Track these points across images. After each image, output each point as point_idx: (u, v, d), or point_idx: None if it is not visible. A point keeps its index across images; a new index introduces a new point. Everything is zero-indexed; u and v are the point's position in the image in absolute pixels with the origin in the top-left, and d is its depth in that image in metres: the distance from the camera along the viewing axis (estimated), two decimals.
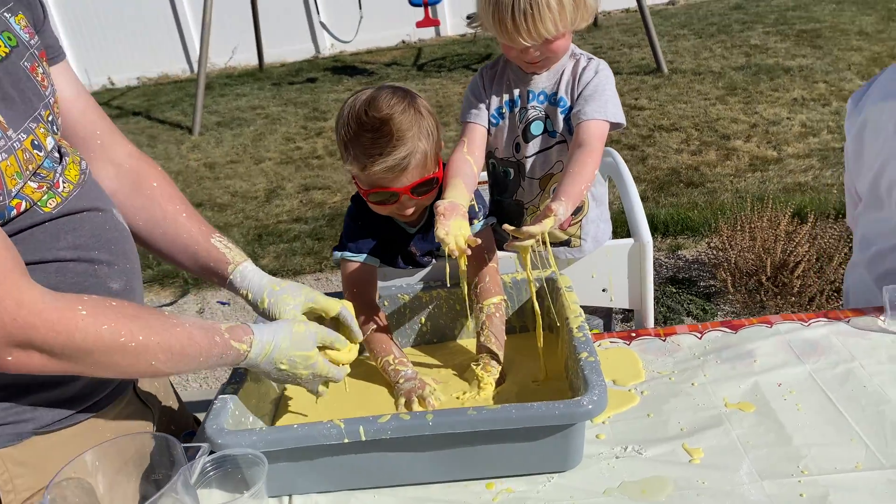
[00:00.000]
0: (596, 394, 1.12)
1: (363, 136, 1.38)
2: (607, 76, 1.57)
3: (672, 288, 3.47)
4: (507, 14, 1.40)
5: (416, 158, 1.40)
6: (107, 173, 1.27)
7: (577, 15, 1.44)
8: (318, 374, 1.24)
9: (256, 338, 1.16)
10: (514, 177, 1.62)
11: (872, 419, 1.22)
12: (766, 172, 4.51)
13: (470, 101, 1.64)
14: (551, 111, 1.56)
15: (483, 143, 1.62)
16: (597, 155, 1.49)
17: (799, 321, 1.50)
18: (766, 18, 8.03)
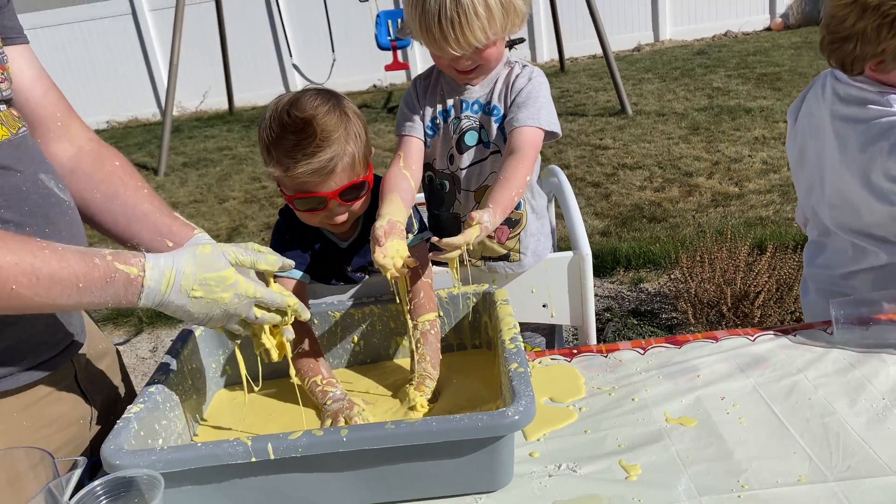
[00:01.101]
0: (522, 404, 1.06)
1: (286, 138, 1.33)
2: (541, 83, 1.53)
3: (634, 320, 3.42)
4: (433, 22, 1.36)
5: (343, 161, 1.35)
6: (66, 151, 1.26)
7: (507, 21, 1.40)
8: (247, 296, 1.08)
9: (150, 262, 1.03)
10: (450, 189, 1.57)
11: (817, 432, 1.16)
12: (728, 207, 4.53)
13: (404, 113, 1.59)
14: (485, 120, 1.52)
15: (420, 156, 1.57)
16: (529, 161, 1.44)
17: (745, 336, 1.45)
18: (727, 63, 8.22)
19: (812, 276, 1.78)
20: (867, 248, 1.58)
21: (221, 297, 1.07)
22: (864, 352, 1.36)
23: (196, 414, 1.31)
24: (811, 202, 1.72)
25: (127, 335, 4.09)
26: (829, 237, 1.69)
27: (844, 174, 1.53)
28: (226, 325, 1.12)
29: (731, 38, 9.80)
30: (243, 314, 1.10)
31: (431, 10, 1.35)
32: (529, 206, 1.57)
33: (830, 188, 1.61)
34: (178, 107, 10.30)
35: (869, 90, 1.49)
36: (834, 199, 1.60)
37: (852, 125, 1.50)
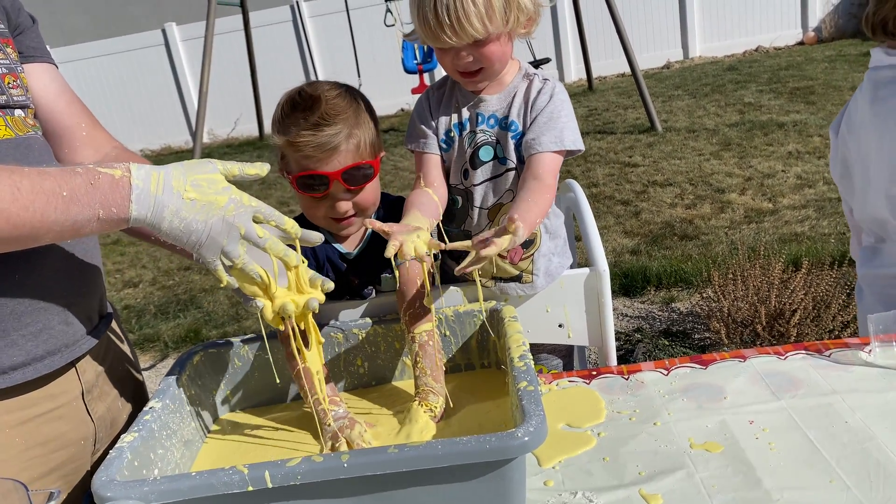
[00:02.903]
0: (533, 424, 0.99)
1: (295, 114, 1.37)
2: (563, 100, 1.46)
3: (665, 341, 3.31)
4: (429, 11, 1.31)
5: (349, 142, 1.37)
6: (90, 158, 1.28)
7: (508, 15, 1.34)
8: (243, 203, 1.02)
9: (135, 165, 0.98)
10: (462, 205, 1.51)
11: (855, 459, 1.07)
12: (762, 224, 4.40)
13: (416, 126, 1.53)
14: (502, 136, 1.46)
15: (439, 170, 1.51)
16: (552, 191, 1.40)
17: (775, 354, 1.36)
18: (759, 78, 8.08)
19: (866, 278, 1.70)
20: None
21: (217, 199, 1.00)
22: None
23: (195, 441, 1.27)
24: (867, 210, 1.63)
25: (153, 360, 4.09)
26: (884, 242, 1.62)
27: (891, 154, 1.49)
28: (226, 248, 1.02)
29: (762, 54, 9.66)
30: (243, 227, 1.02)
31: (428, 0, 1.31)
32: (543, 226, 1.50)
33: (877, 179, 1.56)
34: (209, 134, 10.49)
35: None
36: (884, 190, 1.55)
37: (891, 100, 1.47)
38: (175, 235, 1.01)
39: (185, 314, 4.51)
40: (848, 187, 1.66)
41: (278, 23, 10.20)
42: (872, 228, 1.64)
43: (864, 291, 1.71)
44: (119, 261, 5.85)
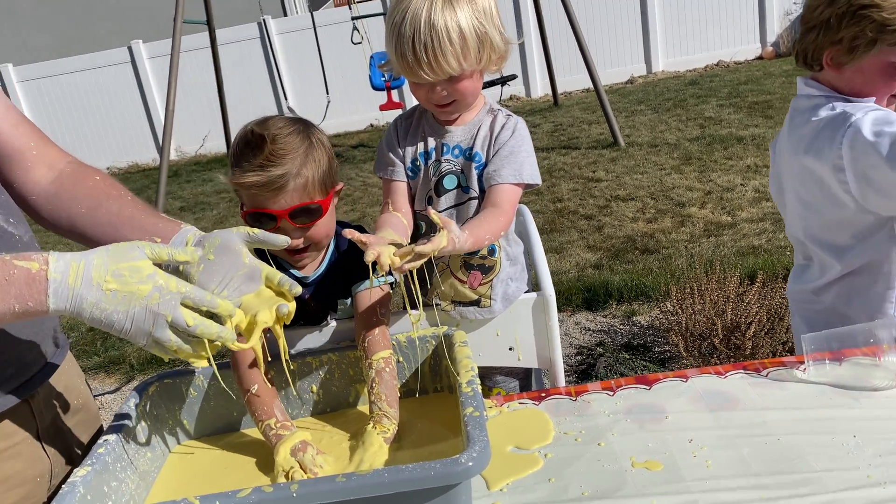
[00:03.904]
0: (476, 450, 1.03)
1: (246, 152, 1.40)
2: (524, 136, 1.53)
3: (626, 354, 3.38)
4: (408, 47, 1.36)
5: (296, 181, 1.40)
6: (46, 177, 1.27)
7: (482, 54, 1.40)
8: (170, 290, 1.01)
9: (55, 255, 0.98)
10: (426, 232, 1.56)
11: (783, 474, 1.12)
12: (721, 237, 4.51)
13: (385, 154, 1.58)
14: (466, 166, 1.52)
15: (406, 197, 1.57)
16: (508, 218, 1.46)
17: (716, 374, 1.42)
18: (719, 92, 8.28)
19: (792, 295, 1.78)
20: (826, 258, 1.61)
21: (139, 289, 0.99)
22: (836, 389, 1.33)
23: (151, 472, 1.28)
24: (790, 230, 1.73)
25: (119, 382, 4.06)
26: (811, 261, 1.70)
27: (804, 177, 1.58)
28: (155, 335, 1.01)
29: (722, 68, 9.89)
30: (169, 314, 1.00)
31: (406, 34, 1.36)
32: (504, 252, 1.55)
33: (791, 203, 1.66)
34: (177, 151, 10.42)
35: (817, 96, 1.55)
36: (798, 213, 1.64)
37: (803, 128, 1.56)
38: (97, 325, 1.00)
39: None
40: (782, 205, 1.74)
41: (246, 40, 10.20)
42: (798, 247, 1.72)
43: (792, 311, 1.79)
44: None
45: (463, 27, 1.35)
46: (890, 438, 1.17)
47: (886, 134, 1.38)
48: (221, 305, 1.06)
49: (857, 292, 1.58)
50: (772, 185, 1.77)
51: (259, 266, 1.20)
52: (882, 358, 1.35)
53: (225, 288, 1.18)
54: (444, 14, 1.34)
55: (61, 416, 1.26)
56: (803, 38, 1.55)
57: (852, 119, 1.43)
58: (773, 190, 1.76)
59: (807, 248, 1.66)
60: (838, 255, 1.57)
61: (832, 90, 1.53)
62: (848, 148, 1.43)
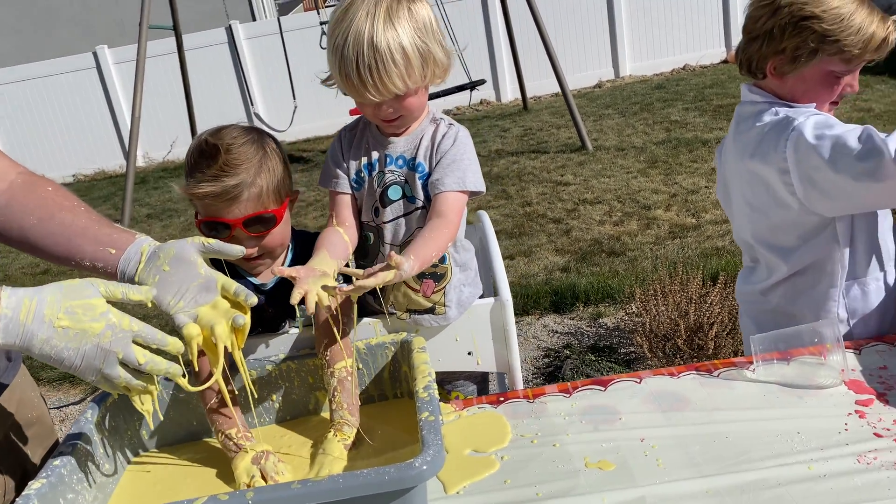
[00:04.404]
0: (430, 454, 1.05)
1: (200, 162, 1.41)
2: (466, 144, 1.53)
3: (592, 356, 3.42)
4: (352, 70, 1.35)
5: (249, 191, 1.41)
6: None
7: (426, 71, 1.41)
8: (122, 328, 1.02)
9: (7, 291, 0.98)
10: (374, 242, 1.57)
11: (730, 470, 1.16)
12: (685, 239, 4.59)
13: (330, 167, 1.59)
14: (410, 176, 1.53)
15: (351, 210, 1.57)
16: (453, 227, 1.46)
17: (668, 375, 1.46)
18: (685, 96, 8.41)
19: (741, 296, 1.83)
20: (773, 259, 1.65)
21: (91, 326, 1.00)
22: (783, 387, 1.37)
23: (108, 484, 1.28)
24: (737, 233, 1.77)
25: (83, 393, 4.01)
26: (758, 262, 1.74)
27: (750, 181, 1.62)
28: (104, 371, 1.03)
29: (689, 72, 10.03)
30: (120, 352, 1.02)
31: (349, 57, 1.35)
32: (453, 259, 1.56)
33: (738, 206, 1.70)
34: (145, 158, 10.30)
35: (760, 102, 1.59)
36: (746, 216, 1.68)
37: (748, 133, 1.60)
38: (46, 360, 1.01)
39: None
40: (729, 209, 1.78)
41: (213, 45, 10.11)
42: (745, 250, 1.77)
43: (741, 311, 1.83)
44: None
45: (405, 46, 1.35)
46: (831, 434, 1.22)
47: (827, 137, 1.43)
48: (171, 343, 1.08)
49: (803, 292, 1.63)
50: (719, 189, 1.81)
51: (215, 276, 1.21)
52: (826, 357, 1.40)
53: (181, 299, 1.20)
54: (386, 34, 1.34)
55: (15, 431, 1.26)
56: (747, 48, 1.59)
57: (795, 123, 1.48)
58: (720, 194, 1.81)
59: (754, 250, 1.71)
60: (784, 256, 1.62)
61: (775, 97, 1.58)
62: (792, 151, 1.47)
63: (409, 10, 1.37)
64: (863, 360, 1.42)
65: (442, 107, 9.99)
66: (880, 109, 6.63)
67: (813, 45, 1.49)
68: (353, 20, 1.34)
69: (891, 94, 7.04)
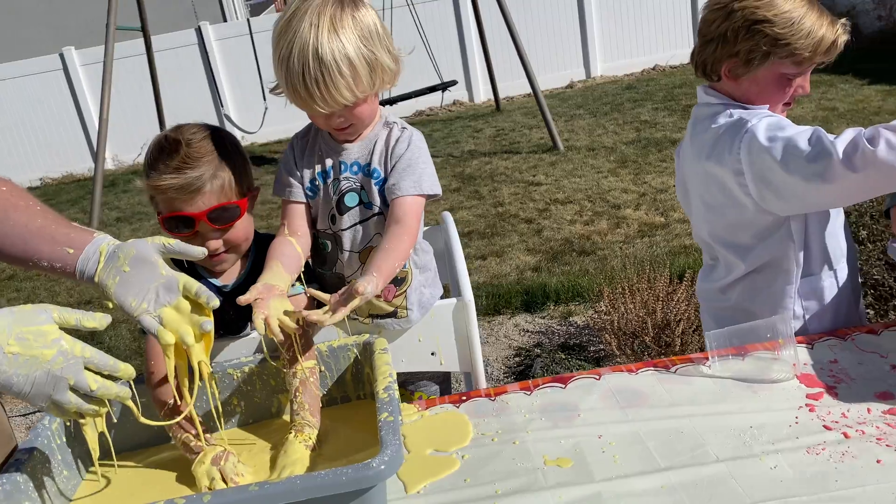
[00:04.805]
0: (388, 454, 1.06)
1: (162, 156, 1.42)
2: (420, 147, 1.52)
3: (562, 354, 3.46)
4: (298, 82, 1.34)
5: (212, 183, 1.43)
6: None
7: (374, 79, 1.39)
8: (74, 354, 1.02)
9: None
10: (332, 249, 1.56)
11: (685, 465, 1.19)
12: (654, 237, 4.64)
13: (282, 175, 1.57)
14: (366, 182, 1.52)
15: (305, 219, 1.55)
16: (412, 232, 1.46)
17: (627, 371, 1.48)
18: (655, 96, 8.50)
19: (701, 293, 1.86)
20: (731, 258, 1.68)
21: (43, 353, 1.00)
22: (738, 382, 1.40)
23: (67, 491, 1.27)
24: (696, 232, 1.81)
25: None
26: (713, 259, 1.78)
27: (707, 182, 1.64)
28: (55, 397, 1.03)
29: (659, 72, 10.15)
30: (72, 378, 1.02)
31: (295, 70, 1.34)
32: (413, 262, 1.56)
33: (696, 206, 1.73)
34: (114, 161, 10.18)
35: (716, 104, 1.62)
36: (702, 210, 1.71)
37: (704, 135, 1.62)
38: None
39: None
40: (688, 209, 1.82)
41: (183, 46, 10.01)
42: (705, 248, 1.81)
43: (701, 307, 1.87)
44: (14, 297, 5.61)
45: (352, 56, 1.33)
46: (783, 427, 1.25)
47: (779, 139, 1.46)
48: (123, 369, 1.09)
49: (760, 289, 1.67)
50: (678, 189, 1.85)
51: (177, 276, 1.21)
52: (780, 352, 1.43)
53: (143, 300, 1.19)
54: (331, 45, 1.31)
55: None
56: (702, 50, 1.62)
57: (748, 125, 1.51)
58: (680, 194, 1.84)
59: (713, 248, 1.74)
60: (741, 255, 1.65)
61: (730, 98, 1.61)
62: (745, 153, 1.51)
63: (353, 17, 1.35)
64: (815, 355, 1.46)
65: (414, 108, 10.02)
66: (844, 108, 6.77)
67: (765, 48, 1.52)
68: (298, 31, 1.32)
69: (854, 94, 7.19)
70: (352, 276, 1.56)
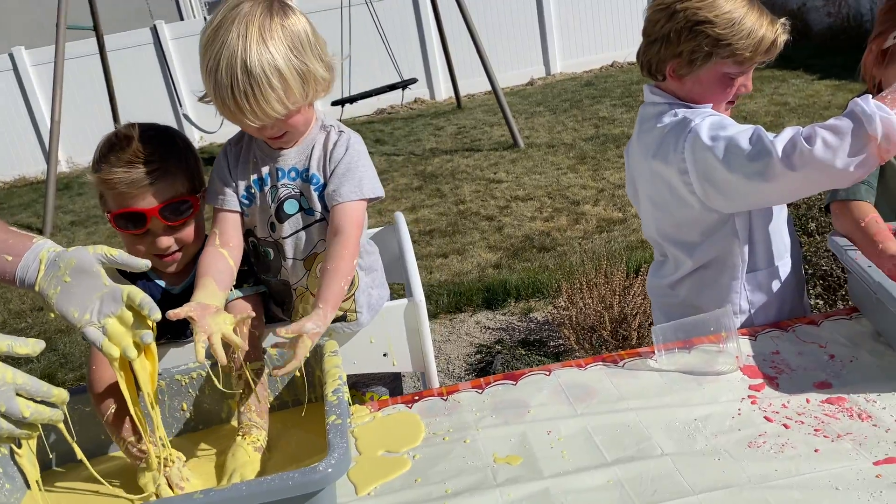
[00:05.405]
0: (335, 457, 1.06)
1: (114, 151, 1.41)
2: (359, 150, 1.49)
3: (522, 350, 3.48)
4: (227, 95, 1.28)
5: (164, 179, 1.42)
6: None
7: (307, 90, 1.34)
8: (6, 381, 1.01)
9: None
10: (275, 257, 1.53)
11: (631, 459, 1.21)
12: (612, 233, 4.70)
13: (215, 183, 1.52)
14: (305, 188, 1.48)
15: (237, 229, 1.51)
16: (353, 242, 1.42)
17: (577, 367, 1.50)
18: (613, 93, 8.60)
19: (651, 289, 1.89)
20: (678, 254, 1.71)
21: None
22: (684, 375, 1.43)
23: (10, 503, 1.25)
24: (645, 230, 1.83)
25: None
26: (663, 256, 1.81)
27: (653, 180, 1.67)
28: None
29: (616, 69, 10.27)
30: (3, 405, 1.01)
31: (223, 83, 1.27)
32: (358, 265, 1.54)
33: (644, 204, 1.76)
34: (69, 163, 9.95)
35: (661, 103, 1.64)
36: (650, 208, 1.74)
37: (650, 134, 1.65)
38: None
39: (39, 357, 4.27)
40: (637, 206, 1.84)
41: (138, 45, 9.83)
42: (654, 245, 1.84)
43: (652, 303, 1.90)
44: None
45: (281, 69, 1.28)
46: (725, 419, 1.28)
47: (721, 138, 1.49)
48: (56, 395, 1.07)
49: (707, 285, 1.70)
50: (628, 187, 1.87)
51: (120, 287, 1.19)
52: (724, 344, 1.46)
53: (87, 311, 1.18)
54: (260, 57, 1.26)
55: None
56: (647, 50, 1.65)
57: (692, 125, 1.54)
58: (630, 192, 1.87)
59: (661, 245, 1.77)
60: (688, 252, 1.68)
61: (675, 98, 1.64)
62: (689, 152, 1.53)
63: (282, 26, 1.30)
64: (758, 347, 1.49)
65: (375, 106, 9.99)
66: (795, 103, 6.93)
67: (707, 48, 1.55)
68: (225, 41, 1.27)
69: (805, 89, 7.36)
70: (298, 283, 1.54)
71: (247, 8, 1.30)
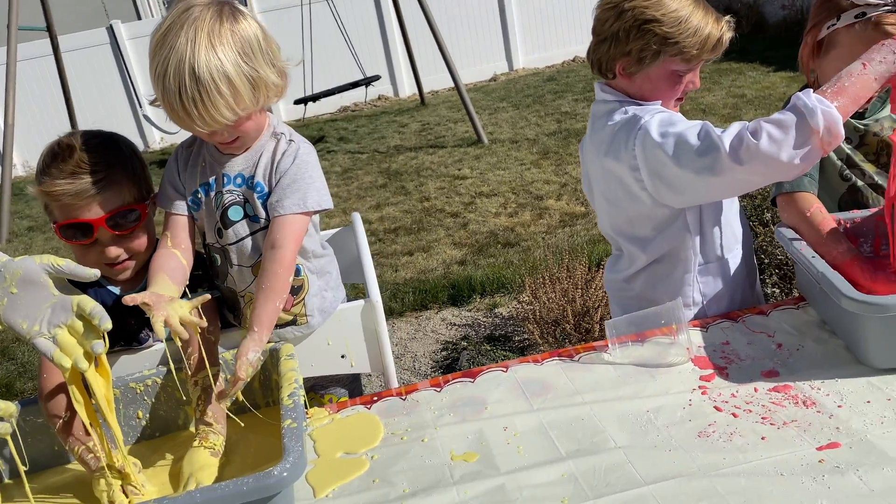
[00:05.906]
0: (290, 461, 1.07)
1: (56, 161, 1.39)
2: (307, 161, 1.46)
3: (488, 346, 3.51)
4: (175, 100, 1.26)
5: (110, 187, 1.40)
6: None
7: (257, 96, 1.33)
8: None
9: None
10: (222, 263, 1.52)
11: (585, 452, 1.23)
12: (575, 227, 4.75)
13: (166, 187, 1.51)
14: (249, 195, 1.47)
15: (188, 231, 1.50)
16: (289, 258, 1.41)
17: (533, 362, 1.52)
18: (574, 87, 8.68)
19: (608, 285, 1.92)
20: (633, 249, 1.74)
21: None
22: (637, 368, 1.46)
23: None
24: (601, 225, 1.86)
25: None
26: (618, 250, 1.84)
27: (606, 177, 1.70)
28: None
29: (578, 64, 10.35)
30: None
31: (171, 89, 1.26)
32: (307, 270, 1.54)
33: (598, 201, 1.78)
34: (25, 167, 9.73)
35: (612, 101, 1.67)
36: (604, 204, 1.77)
37: (602, 132, 1.68)
38: None
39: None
40: (593, 202, 1.87)
41: (94, 46, 9.64)
42: (610, 240, 1.87)
43: (609, 297, 1.93)
44: None
45: (230, 74, 1.27)
46: (676, 410, 1.31)
47: (670, 135, 1.52)
48: (4, 409, 1.08)
49: (661, 279, 1.73)
50: (584, 184, 1.90)
51: (70, 296, 1.18)
52: (676, 336, 1.50)
53: (36, 322, 1.16)
54: (209, 62, 1.25)
55: None
56: (596, 49, 1.67)
57: (642, 122, 1.57)
58: (585, 189, 1.89)
59: (616, 241, 1.80)
60: (642, 247, 1.71)
61: (626, 95, 1.67)
62: (640, 149, 1.56)
63: (231, 31, 1.29)
64: (708, 337, 1.53)
65: (339, 103, 9.93)
66: (752, 95, 7.06)
67: (655, 46, 1.58)
68: (174, 46, 1.25)
69: (761, 81, 7.50)
70: (245, 289, 1.53)
71: (196, 12, 1.28)
